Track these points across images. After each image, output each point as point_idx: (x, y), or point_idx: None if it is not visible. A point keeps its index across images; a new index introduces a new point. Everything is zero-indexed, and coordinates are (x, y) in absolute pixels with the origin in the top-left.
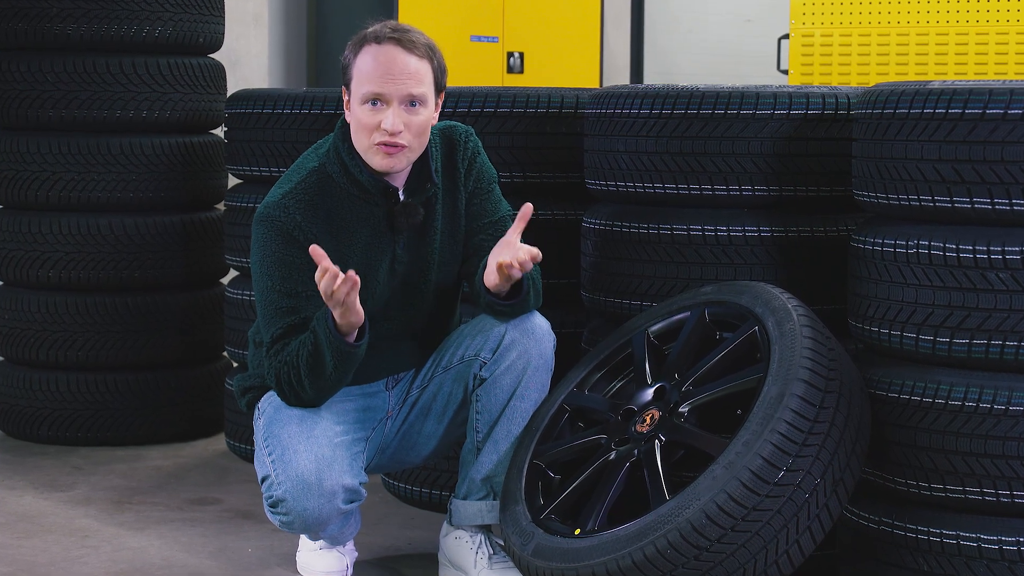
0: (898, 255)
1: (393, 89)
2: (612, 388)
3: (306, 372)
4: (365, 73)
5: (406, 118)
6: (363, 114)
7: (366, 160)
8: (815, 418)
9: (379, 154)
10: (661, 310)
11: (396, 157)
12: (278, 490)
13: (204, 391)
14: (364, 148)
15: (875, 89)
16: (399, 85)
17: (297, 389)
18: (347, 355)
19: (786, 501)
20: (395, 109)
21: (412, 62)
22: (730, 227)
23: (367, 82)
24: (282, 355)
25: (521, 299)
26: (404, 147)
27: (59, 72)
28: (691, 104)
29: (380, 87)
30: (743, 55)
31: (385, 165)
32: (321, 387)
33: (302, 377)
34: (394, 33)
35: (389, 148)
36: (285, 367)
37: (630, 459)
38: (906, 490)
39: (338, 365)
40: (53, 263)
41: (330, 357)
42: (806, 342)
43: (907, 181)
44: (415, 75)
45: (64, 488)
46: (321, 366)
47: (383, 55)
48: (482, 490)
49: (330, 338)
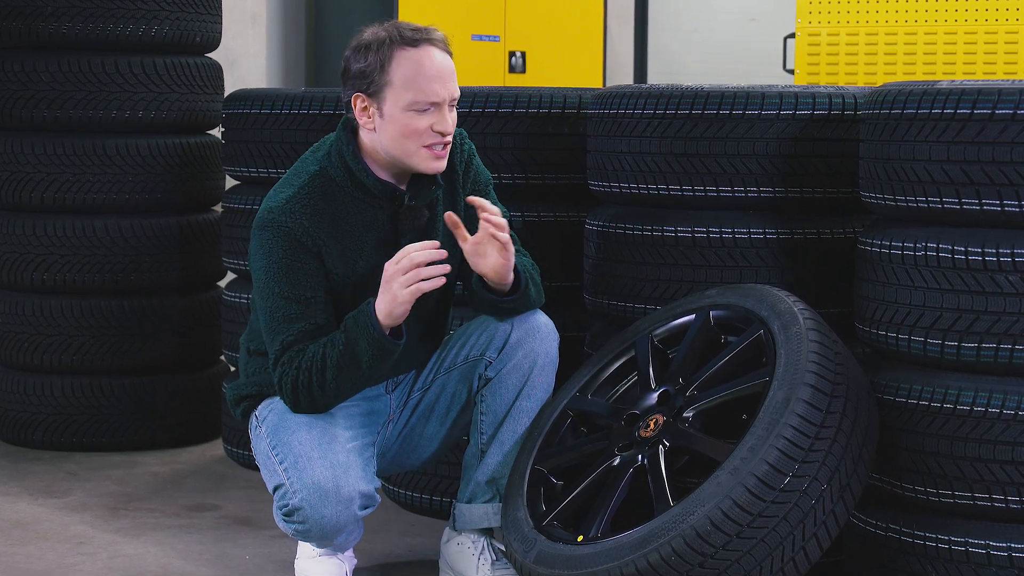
0: (906, 257)
1: (445, 92)
2: (615, 393)
3: (335, 373)
4: (410, 79)
5: (452, 117)
6: (410, 120)
7: (411, 165)
8: (821, 423)
9: (429, 158)
10: (665, 313)
11: (445, 158)
12: (294, 498)
13: (201, 396)
14: (411, 153)
15: (882, 89)
16: (448, 87)
17: (316, 394)
18: (387, 352)
19: (792, 507)
20: (446, 111)
21: (449, 61)
22: (735, 229)
23: (416, 89)
24: (299, 360)
25: (522, 292)
26: (449, 145)
27: (54, 72)
28: (695, 104)
29: (434, 92)
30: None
31: (436, 167)
32: (348, 387)
33: (326, 380)
34: (422, 34)
35: (439, 150)
36: (305, 373)
37: (634, 465)
38: (914, 496)
39: (373, 363)
40: (48, 266)
41: (368, 355)
42: (812, 346)
43: (915, 182)
44: (454, 74)
45: (59, 494)
46: (356, 365)
47: (428, 59)
48: (487, 492)
49: (372, 334)
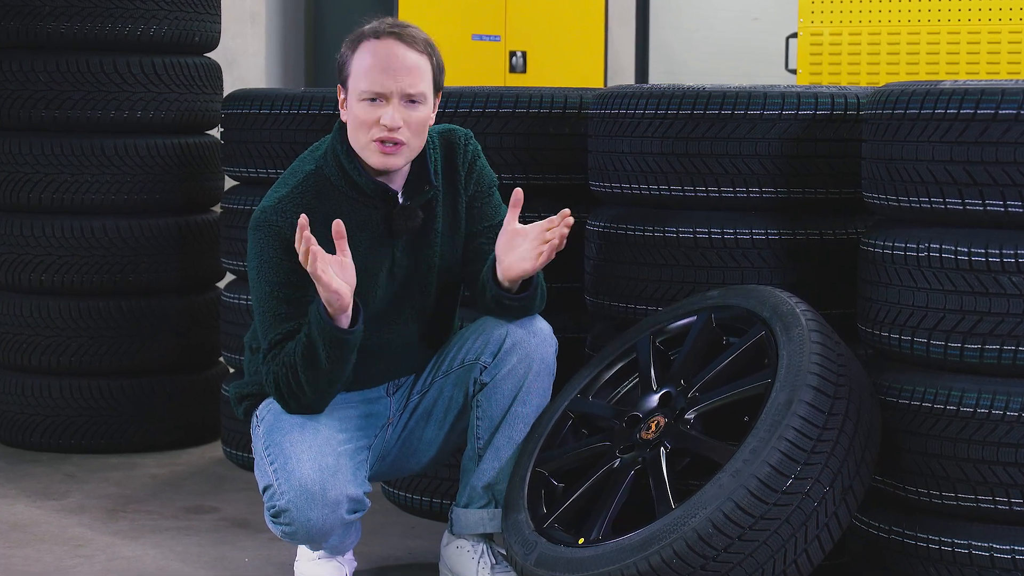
0: (908, 258)
1: (393, 85)
2: (617, 394)
3: (302, 368)
4: (363, 69)
5: (405, 114)
6: (361, 111)
7: (363, 158)
8: (824, 425)
9: (377, 152)
10: (667, 314)
11: (395, 155)
12: (281, 500)
13: (200, 397)
14: (361, 146)
15: (885, 89)
16: (399, 81)
17: (296, 391)
18: (340, 343)
19: (794, 510)
20: (395, 105)
21: (412, 57)
22: (737, 230)
23: (366, 78)
24: (279, 357)
25: (531, 293)
26: (402, 144)
27: (52, 71)
28: (697, 104)
29: (380, 83)
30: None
31: (383, 163)
32: (318, 384)
33: (299, 374)
34: (393, 28)
35: (387, 146)
36: (283, 368)
37: (635, 467)
38: (917, 498)
39: (331, 355)
40: (46, 267)
41: (323, 347)
42: (815, 347)
43: (918, 183)
44: (414, 70)
45: (57, 496)
46: (315, 359)
47: (382, 50)
48: (484, 498)
49: (321, 325)
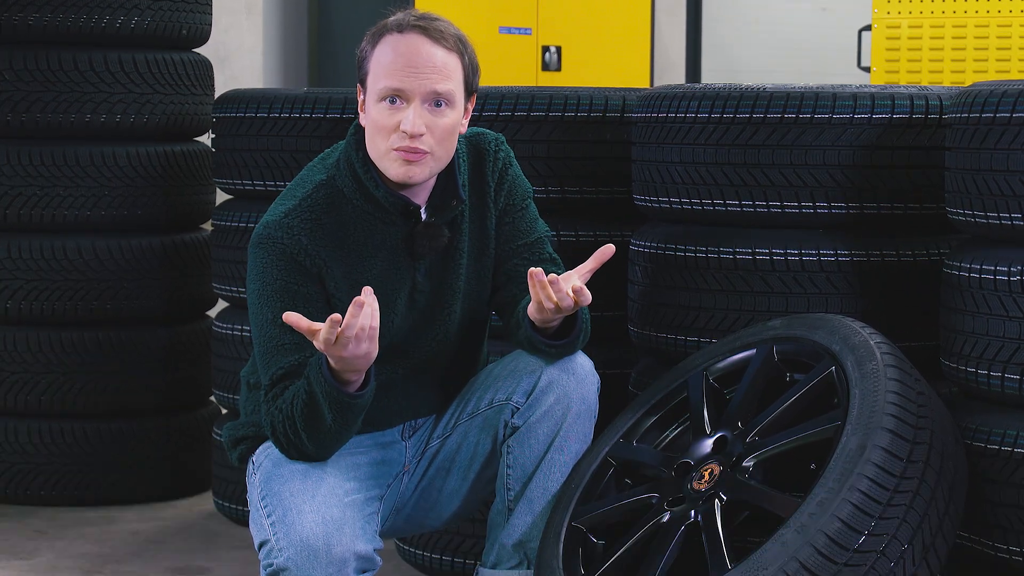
0: (999, 283)
1: (415, 84)
2: (665, 438)
3: (302, 425)
4: (383, 66)
5: (429, 119)
6: (379, 114)
7: (381, 169)
8: (902, 473)
9: (396, 161)
10: (722, 347)
11: (416, 166)
12: (279, 557)
13: (188, 442)
14: (380, 154)
15: (972, 89)
16: (422, 79)
17: (296, 443)
18: (347, 407)
19: (868, 570)
20: (416, 108)
21: (438, 54)
22: (802, 251)
23: (385, 76)
24: (278, 402)
25: (570, 340)
26: (426, 154)
27: (19, 70)
28: (757, 107)
29: (400, 81)
30: (818, 50)
31: (402, 174)
32: (322, 442)
33: (299, 430)
34: (419, 21)
35: (408, 154)
36: (281, 416)
37: (686, 521)
38: (1008, 558)
39: (337, 418)
40: (11, 293)
41: (328, 410)
42: (891, 384)
43: (1009, 197)
44: (441, 69)
45: (25, 555)
46: (318, 419)
47: (404, 45)
48: (514, 557)
49: (326, 388)
